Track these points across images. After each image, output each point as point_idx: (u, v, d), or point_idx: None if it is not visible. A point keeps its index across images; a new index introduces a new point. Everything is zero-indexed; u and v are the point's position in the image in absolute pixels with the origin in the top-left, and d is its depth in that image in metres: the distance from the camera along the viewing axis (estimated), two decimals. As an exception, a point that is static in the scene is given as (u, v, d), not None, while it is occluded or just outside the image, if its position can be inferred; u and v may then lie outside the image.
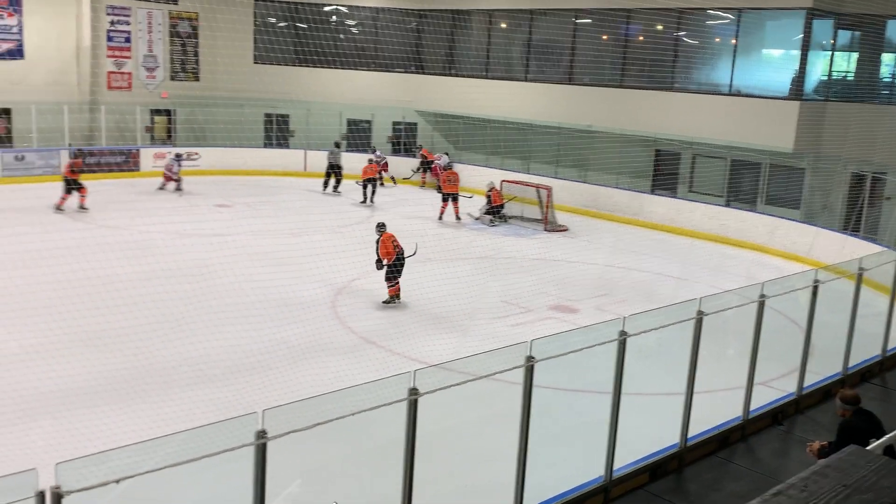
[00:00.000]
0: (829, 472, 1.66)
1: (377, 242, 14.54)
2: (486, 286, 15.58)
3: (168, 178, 23.33)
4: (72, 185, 20.06)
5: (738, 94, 22.81)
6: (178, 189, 23.30)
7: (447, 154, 27.88)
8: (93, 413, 9.25)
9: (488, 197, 22.32)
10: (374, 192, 23.99)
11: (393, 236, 14.61)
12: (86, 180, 20.50)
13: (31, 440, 8.52)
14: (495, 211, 22.30)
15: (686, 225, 22.61)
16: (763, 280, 9.45)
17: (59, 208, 19.95)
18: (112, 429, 8.48)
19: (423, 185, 27.41)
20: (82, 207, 20.16)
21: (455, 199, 22.05)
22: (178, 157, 23.95)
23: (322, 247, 16.56)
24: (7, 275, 13.82)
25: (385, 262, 14.28)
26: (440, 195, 22.68)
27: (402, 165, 27.86)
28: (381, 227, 14.92)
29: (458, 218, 22.00)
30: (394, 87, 29.40)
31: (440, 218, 22.01)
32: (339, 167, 25.44)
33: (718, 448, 8.73)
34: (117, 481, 4.54)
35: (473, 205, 22.63)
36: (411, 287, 14.10)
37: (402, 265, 14.27)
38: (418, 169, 27.65)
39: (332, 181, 25.25)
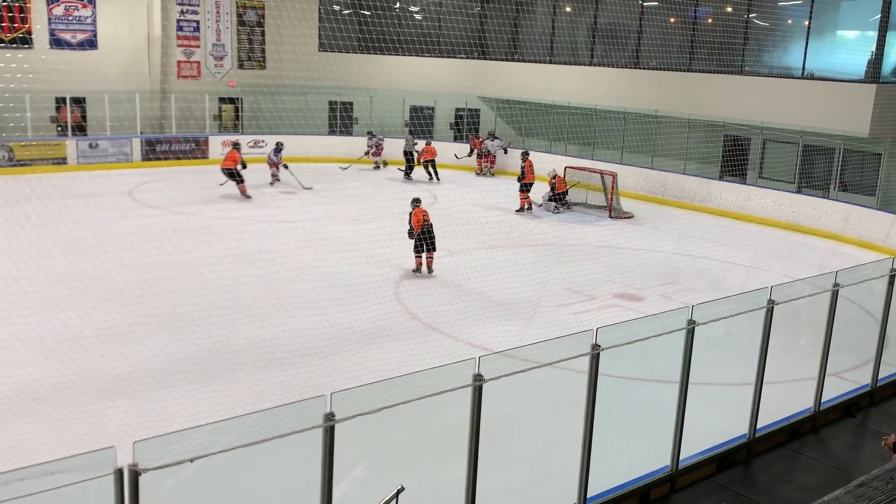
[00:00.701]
0: None
1: (409, 215, 15.46)
2: (550, 273, 15.49)
3: (273, 165, 23.53)
4: (235, 175, 21.04)
5: (812, 77, 22.17)
6: (276, 180, 23.43)
7: (496, 138, 27.62)
8: (166, 394, 9.49)
9: (552, 185, 22.15)
10: (436, 171, 25.41)
11: (425, 211, 15.49)
12: (157, 167, 21.00)
13: (107, 420, 8.80)
14: (559, 198, 22.13)
15: (756, 212, 22.10)
16: (836, 269, 9.20)
17: (246, 195, 21.05)
18: (184, 410, 8.71)
19: (479, 172, 27.30)
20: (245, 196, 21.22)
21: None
22: (279, 146, 23.53)
23: (386, 233, 16.70)
24: (84, 259, 14.28)
25: (416, 233, 15.22)
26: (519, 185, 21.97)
27: (462, 152, 27.84)
28: (415, 201, 15.81)
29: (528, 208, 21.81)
30: (457, 73, 29.38)
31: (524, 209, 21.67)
32: (411, 154, 25.87)
33: (788, 440, 8.58)
34: (191, 460, 4.62)
35: (535, 192, 22.46)
36: (475, 274, 14.12)
37: (428, 239, 15.15)
38: (470, 153, 27.56)
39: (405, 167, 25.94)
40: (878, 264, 10.25)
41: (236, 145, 21.84)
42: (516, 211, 21.54)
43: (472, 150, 27.60)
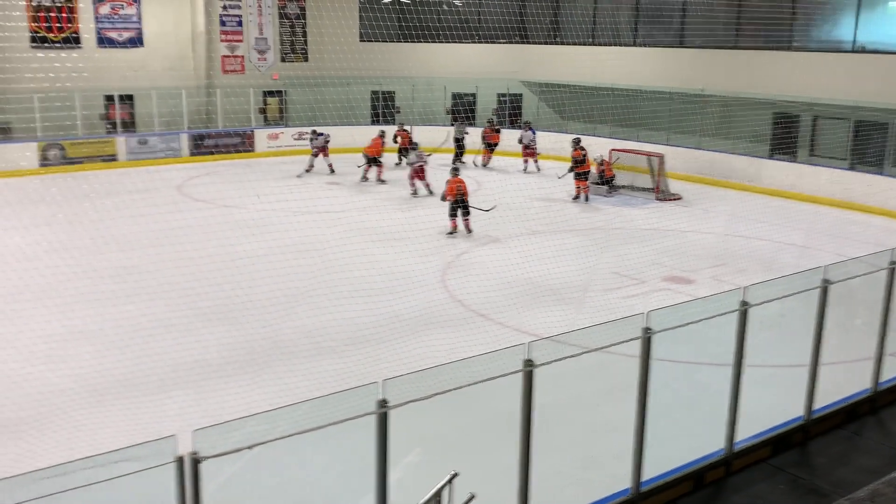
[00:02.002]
0: None
1: (447, 182, 17.31)
2: (597, 258, 15.40)
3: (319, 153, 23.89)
4: (374, 161, 22.49)
5: (863, 50, 21.64)
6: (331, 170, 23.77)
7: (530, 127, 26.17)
8: (222, 384, 9.66)
9: (601, 170, 21.92)
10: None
11: (460, 181, 17.28)
12: (205, 161, 21.27)
13: (167, 409, 9.00)
14: (607, 182, 21.94)
15: (808, 190, 21.68)
16: (892, 247, 8.99)
17: (381, 180, 22.66)
18: (240, 399, 8.86)
19: (485, 165, 25.93)
20: (381, 180, 22.63)
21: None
22: (317, 135, 23.92)
23: (430, 221, 16.76)
24: (138, 254, 14.59)
25: (448, 198, 17.11)
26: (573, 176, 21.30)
27: (509, 137, 27.63)
28: (454, 170, 17.88)
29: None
30: (498, 59, 29.26)
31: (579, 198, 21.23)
32: (461, 140, 26.03)
33: (846, 421, 8.44)
34: (250, 447, 4.71)
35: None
36: (522, 260, 14.09)
37: (461, 205, 17.06)
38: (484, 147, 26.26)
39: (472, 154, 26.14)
40: (937, 241, 10.00)
41: (382, 134, 23.21)
42: (573, 199, 21.01)
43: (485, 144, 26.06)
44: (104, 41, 25.74)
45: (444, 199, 17.31)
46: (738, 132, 23.72)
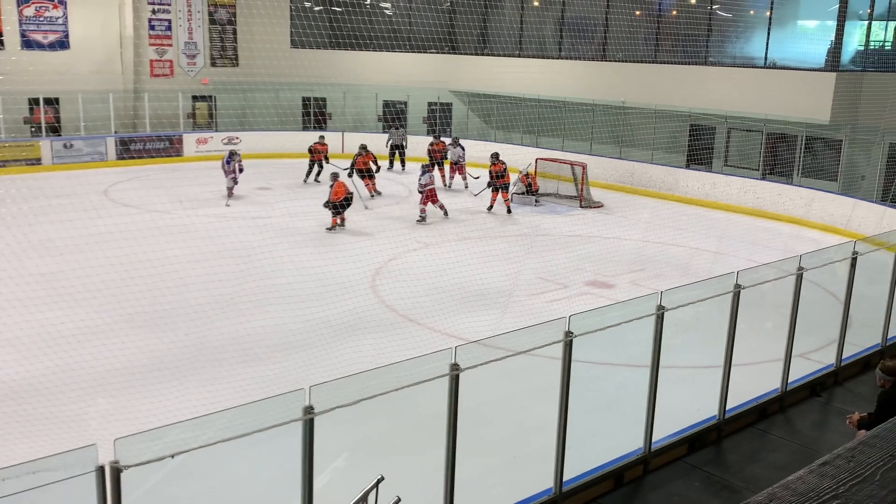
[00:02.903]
0: (877, 443, 1.65)
1: (330, 188, 18.20)
2: (523, 264, 15.68)
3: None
4: (365, 174, 21.84)
5: (774, 66, 22.56)
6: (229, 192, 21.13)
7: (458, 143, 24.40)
8: (147, 391, 9.53)
9: (528, 185, 22.14)
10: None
11: (344, 184, 18.35)
12: (131, 166, 20.76)
13: (89, 418, 8.84)
14: (534, 193, 22.22)
15: (722, 199, 22.46)
16: (801, 253, 9.45)
17: (377, 192, 22.03)
18: (165, 406, 8.72)
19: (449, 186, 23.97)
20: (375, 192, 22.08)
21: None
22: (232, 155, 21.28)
23: (360, 227, 16.81)
24: (61, 259, 14.24)
25: (333, 202, 17.99)
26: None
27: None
28: (334, 175, 18.59)
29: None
30: (428, 68, 29.46)
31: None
32: (402, 146, 26.03)
33: (757, 420, 8.76)
34: (172, 456, 4.67)
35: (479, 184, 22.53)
36: (449, 265, 14.26)
37: (347, 204, 18.18)
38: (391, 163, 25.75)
39: (398, 161, 26.12)
40: (841, 247, 10.53)
41: (364, 148, 22.09)
42: (488, 209, 20.83)
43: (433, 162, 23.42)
44: (29, 43, 25.01)
45: (327, 205, 18.14)
46: (657, 143, 24.44)
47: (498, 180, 20.73)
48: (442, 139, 24.96)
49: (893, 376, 7.07)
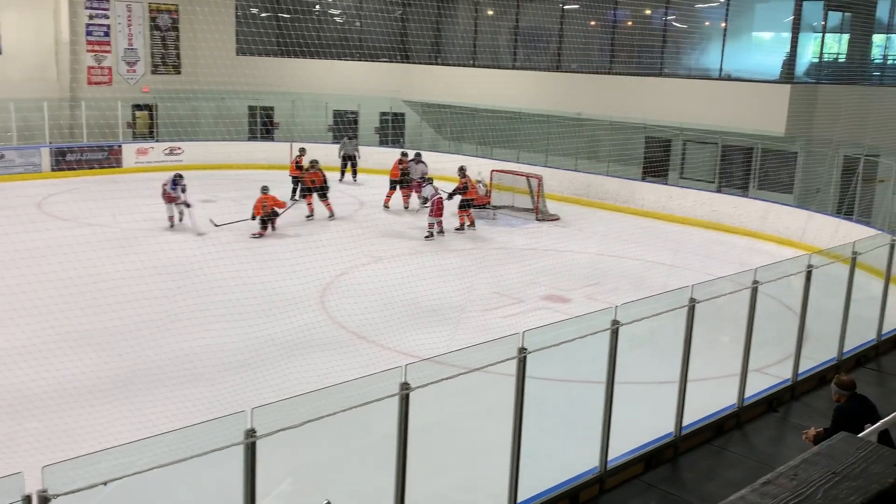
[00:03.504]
0: (819, 460, 1.67)
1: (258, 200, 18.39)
2: (478, 278, 15.47)
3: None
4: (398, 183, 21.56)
5: (729, 78, 22.76)
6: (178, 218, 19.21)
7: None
8: (83, 414, 9.16)
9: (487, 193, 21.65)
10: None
11: (269, 197, 18.45)
12: (67, 177, 20.08)
13: (18, 443, 8.41)
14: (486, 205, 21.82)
15: (677, 211, 22.53)
16: (756, 266, 9.38)
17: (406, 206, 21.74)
18: (101, 429, 8.40)
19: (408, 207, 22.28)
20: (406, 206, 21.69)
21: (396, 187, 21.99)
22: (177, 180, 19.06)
23: (309, 241, 16.44)
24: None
25: (256, 215, 18.26)
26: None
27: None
28: (263, 189, 18.56)
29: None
30: (380, 77, 29.22)
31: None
32: (354, 157, 25.68)
33: (714, 436, 8.68)
34: (105, 483, 4.49)
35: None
36: (401, 280, 13.99)
37: (273, 216, 18.51)
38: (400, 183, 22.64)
39: (349, 173, 25.70)
40: (796, 260, 10.50)
41: (404, 155, 21.68)
42: (456, 229, 19.90)
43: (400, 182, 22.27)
44: (-44, 49, 24.22)
45: (253, 217, 18.23)
46: (612, 155, 24.48)
47: (462, 193, 20.31)
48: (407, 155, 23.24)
49: (848, 391, 7.00)
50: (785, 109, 21.02)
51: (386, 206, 22.06)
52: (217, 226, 18.29)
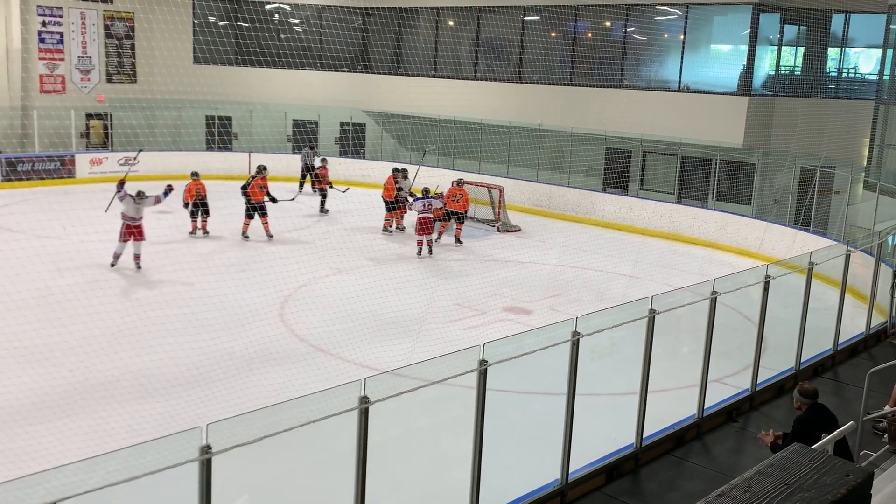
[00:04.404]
0: (773, 471, 1.68)
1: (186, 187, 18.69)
2: (438, 289, 15.39)
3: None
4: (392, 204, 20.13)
5: (688, 90, 23.02)
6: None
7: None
8: (32, 431, 8.88)
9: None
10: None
11: (199, 184, 18.90)
12: (18, 188, 19.49)
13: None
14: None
15: (637, 223, 22.69)
16: (715, 276, 9.42)
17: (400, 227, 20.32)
18: (52, 448, 8.15)
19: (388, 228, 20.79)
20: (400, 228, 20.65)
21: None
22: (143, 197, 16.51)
23: (268, 253, 16.24)
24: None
25: (186, 202, 18.60)
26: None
27: (352, 167, 27.38)
28: (193, 174, 19.11)
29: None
30: (340, 87, 29.08)
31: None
32: (314, 168, 25.46)
33: (674, 447, 8.68)
34: (55, 503, 4.36)
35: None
36: (362, 292, 13.86)
37: (202, 207, 18.80)
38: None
39: (308, 183, 25.23)
40: (754, 271, 10.58)
41: (261, 170, 19.20)
42: (456, 243, 19.87)
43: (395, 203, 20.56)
44: None
45: (186, 205, 18.63)
46: (573, 166, 24.61)
47: (453, 204, 20.11)
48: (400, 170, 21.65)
49: (810, 399, 7.03)
50: (743, 121, 21.32)
51: (386, 230, 20.38)
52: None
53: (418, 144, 27.91)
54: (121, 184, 16.14)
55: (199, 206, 18.97)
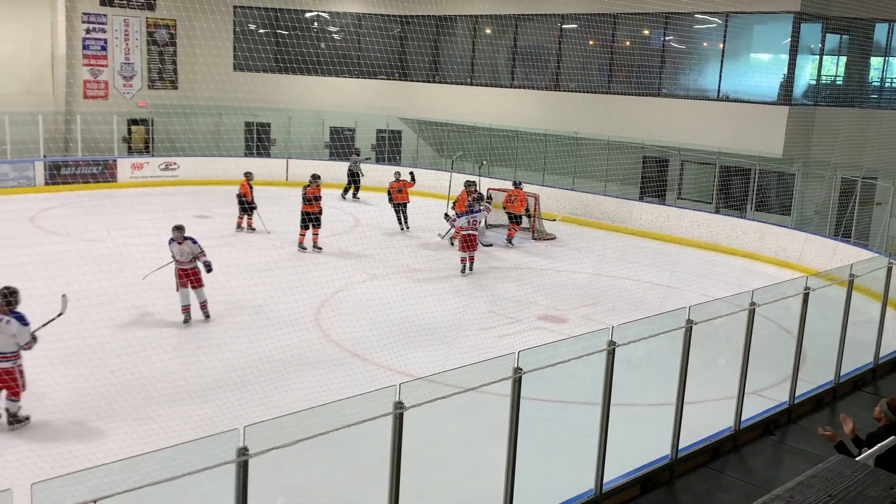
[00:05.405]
0: (815, 483, 1.65)
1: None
2: (473, 297, 15.40)
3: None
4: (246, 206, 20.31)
5: (727, 99, 22.81)
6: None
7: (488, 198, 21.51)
8: (72, 432, 9.06)
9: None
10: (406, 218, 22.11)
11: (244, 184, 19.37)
12: (62, 192, 19.86)
13: (5, 462, 8.30)
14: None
15: (675, 232, 22.51)
16: (753, 287, 9.32)
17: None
18: (92, 448, 8.30)
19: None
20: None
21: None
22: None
23: (305, 258, 16.37)
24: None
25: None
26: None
27: (386, 174, 27.49)
28: (247, 174, 19.68)
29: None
30: (377, 94, 29.27)
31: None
32: (358, 174, 25.69)
33: (710, 459, 8.59)
34: (95, 501, 4.40)
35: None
36: (397, 298, 13.92)
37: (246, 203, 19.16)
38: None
39: (352, 189, 25.69)
40: (793, 282, 10.45)
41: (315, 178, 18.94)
42: (507, 241, 20.83)
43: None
44: (-48, 61, 24.16)
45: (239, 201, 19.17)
46: (609, 174, 24.49)
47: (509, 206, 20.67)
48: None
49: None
50: (783, 131, 21.07)
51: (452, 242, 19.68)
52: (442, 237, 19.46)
53: (454, 152, 27.95)
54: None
55: (242, 203, 20.15)
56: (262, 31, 29.39)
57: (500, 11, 27.34)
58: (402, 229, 21.40)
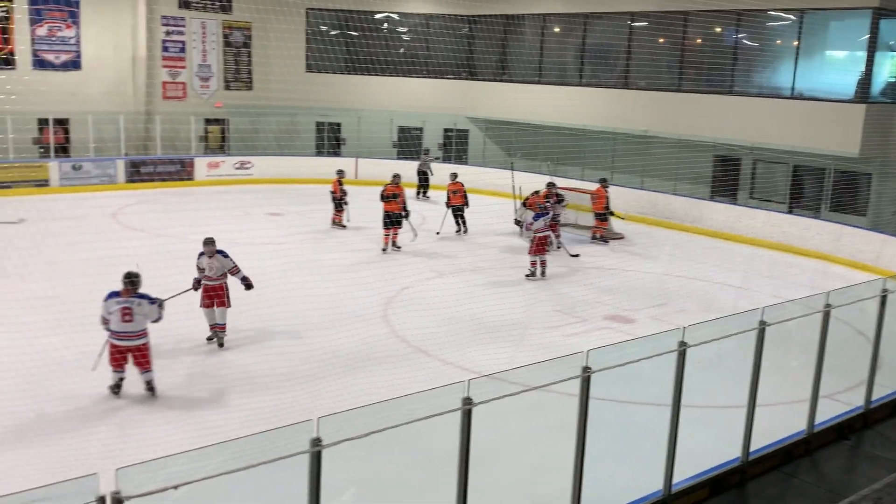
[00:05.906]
0: None
1: None
2: (539, 296, 15.38)
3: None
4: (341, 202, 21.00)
5: (801, 97, 22.27)
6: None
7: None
8: (151, 420, 9.35)
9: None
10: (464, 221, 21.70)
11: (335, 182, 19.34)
12: (141, 189, 20.42)
13: (90, 447, 8.62)
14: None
15: (746, 232, 22.08)
16: (828, 289, 9.12)
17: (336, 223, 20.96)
18: (169, 436, 8.57)
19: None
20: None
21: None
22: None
23: (373, 255, 16.57)
24: (65, 283, 14.07)
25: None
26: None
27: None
28: (338, 172, 20.01)
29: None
30: (445, 94, 29.42)
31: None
32: (427, 173, 25.94)
33: (782, 462, 8.46)
34: (175, 487, 4.56)
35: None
36: (463, 296, 13.99)
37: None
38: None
39: (422, 188, 26.03)
40: (870, 284, 10.19)
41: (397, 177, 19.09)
42: (592, 239, 21.07)
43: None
44: (40, 63, 25.11)
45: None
46: (680, 173, 24.13)
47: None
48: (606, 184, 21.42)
49: None
50: (859, 130, 20.47)
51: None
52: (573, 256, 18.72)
53: (521, 151, 27.93)
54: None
55: (334, 200, 20.81)
56: (333, 32, 29.83)
57: (569, 10, 27.19)
58: (458, 231, 20.99)
